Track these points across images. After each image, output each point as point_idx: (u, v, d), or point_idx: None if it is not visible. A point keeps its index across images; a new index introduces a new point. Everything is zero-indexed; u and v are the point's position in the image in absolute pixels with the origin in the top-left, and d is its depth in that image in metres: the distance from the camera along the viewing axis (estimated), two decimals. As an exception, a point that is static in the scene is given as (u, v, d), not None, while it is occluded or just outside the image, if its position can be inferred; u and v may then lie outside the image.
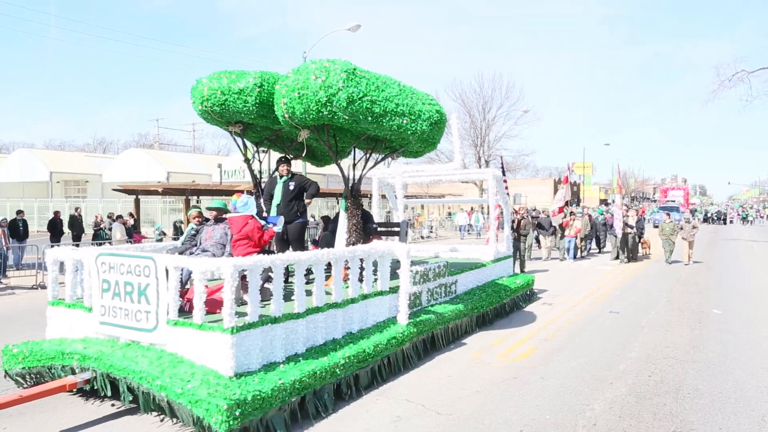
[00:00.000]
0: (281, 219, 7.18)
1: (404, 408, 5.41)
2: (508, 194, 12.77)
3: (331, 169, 11.27)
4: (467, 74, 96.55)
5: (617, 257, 18.36)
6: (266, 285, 6.01)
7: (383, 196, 12.55)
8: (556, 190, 68.89)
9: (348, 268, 6.51)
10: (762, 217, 61.39)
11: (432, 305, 7.84)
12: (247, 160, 8.16)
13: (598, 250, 21.44)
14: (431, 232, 32.09)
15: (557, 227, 19.25)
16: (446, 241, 27.12)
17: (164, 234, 19.69)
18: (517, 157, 44.84)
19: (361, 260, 6.54)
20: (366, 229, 7.99)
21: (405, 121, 6.92)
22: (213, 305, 5.42)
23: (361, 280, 6.58)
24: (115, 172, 38.12)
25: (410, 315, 6.95)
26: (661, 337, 8.19)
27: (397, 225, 9.18)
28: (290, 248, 7.60)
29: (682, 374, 6.44)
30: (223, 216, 6.60)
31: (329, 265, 6.25)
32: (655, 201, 72.57)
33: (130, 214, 19.87)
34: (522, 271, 14.69)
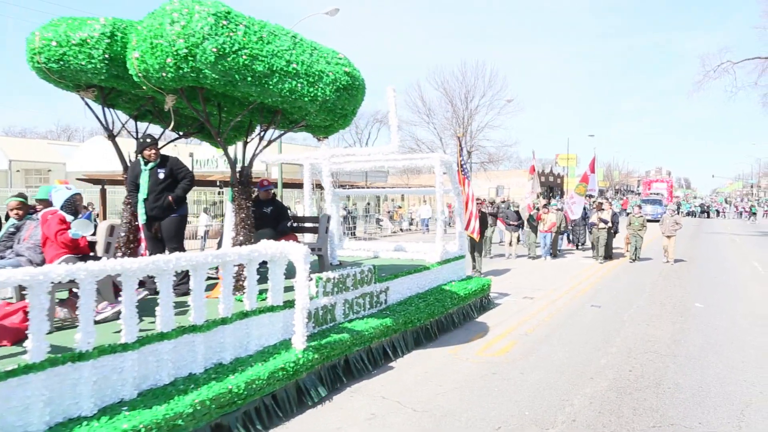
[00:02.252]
0: (84, 222, 5.20)
1: (379, 405, 5.40)
2: (467, 182, 11.43)
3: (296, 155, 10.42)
4: (450, 62, 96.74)
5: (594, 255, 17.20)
6: (110, 308, 4.96)
7: (318, 185, 10.85)
8: (539, 182, 69.73)
9: (239, 277, 5.67)
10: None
11: (350, 320, 6.65)
12: (111, 137, 6.68)
13: (575, 247, 20.27)
14: (411, 224, 32.05)
15: (525, 220, 17.95)
16: (412, 236, 27.18)
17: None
18: (500, 147, 45.11)
19: (241, 266, 5.54)
20: (274, 227, 7.07)
21: (299, 85, 5.51)
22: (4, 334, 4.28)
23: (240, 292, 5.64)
24: (79, 161, 37.35)
25: (316, 335, 5.94)
26: (642, 331, 8.31)
27: (317, 220, 8.09)
28: (166, 250, 6.27)
29: (663, 368, 6.54)
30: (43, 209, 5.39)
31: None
32: (639, 194, 73.65)
33: (86, 207, 19.48)
34: (478, 272, 13.42)
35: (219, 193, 24.76)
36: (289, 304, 5.60)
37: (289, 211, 9.06)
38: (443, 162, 9.40)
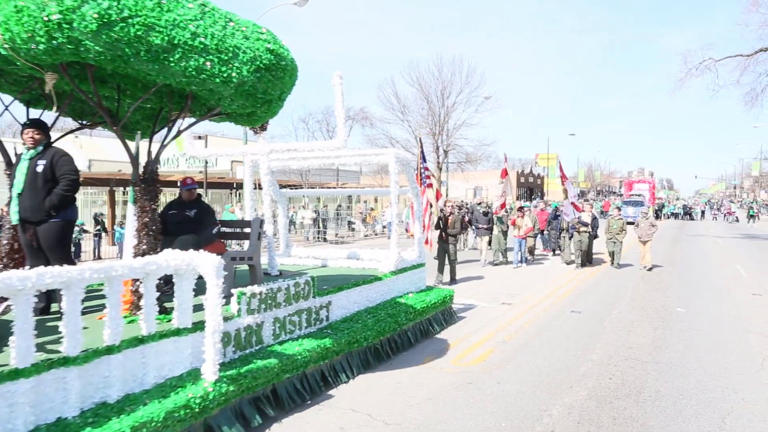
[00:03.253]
0: None
1: (349, 419, 5.38)
2: (429, 184, 10.96)
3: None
4: (425, 56, 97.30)
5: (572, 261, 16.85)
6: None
7: (258, 186, 9.84)
8: (519, 183, 70.49)
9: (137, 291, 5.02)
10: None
11: (282, 342, 6.03)
12: None
13: (551, 252, 19.86)
14: (384, 227, 32.05)
15: (496, 224, 17.21)
16: (386, 242, 27.14)
17: (85, 231, 19.02)
18: (477, 147, 45.41)
19: (137, 281, 4.94)
20: (198, 233, 6.29)
21: (209, 63, 4.70)
22: None
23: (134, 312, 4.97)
24: (27, 160, 36.44)
25: (236, 361, 5.33)
26: (623, 337, 8.45)
27: (248, 225, 7.24)
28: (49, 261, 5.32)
29: (644, 376, 6.65)
30: None
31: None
32: (621, 195, 75.02)
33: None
34: (453, 280, 13.36)
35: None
36: (201, 326, 4.93)
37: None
38: (399, 159, 8.80)
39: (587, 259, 16.63)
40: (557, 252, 19.30)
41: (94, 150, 37.02)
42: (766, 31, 38.53)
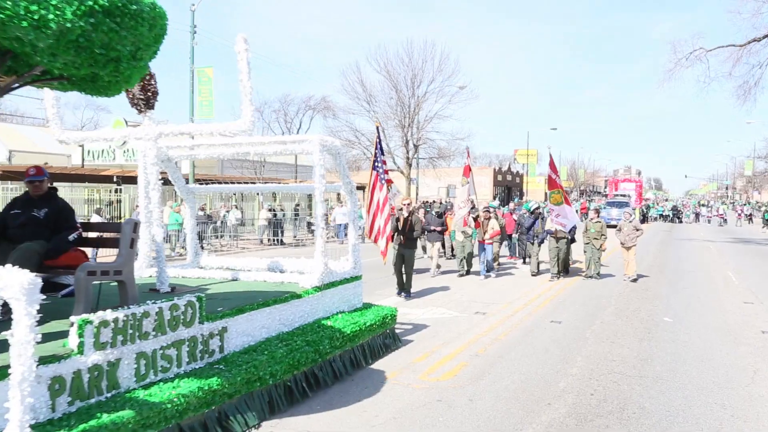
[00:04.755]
0: None
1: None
2: (388, 180, 10.43)
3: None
4: (394, 40, 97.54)
5: (538, 271, 16.39)
6: None
7: (165, 181, 8.04)
8: (495, 181, 71.22)
9: None
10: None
11: (148, 385, 4.98)
12: None
13: (522, 261, 19.44)
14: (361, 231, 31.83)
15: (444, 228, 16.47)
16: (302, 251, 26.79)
17: None
18: (451, 141, 45.80)
19: None
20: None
21: (9, 1, 3.70)
22: None
23: None
24: None
25: (71, 416, 4.25)
26: (606, 349, 8.58)
27: (118, 228, 6.08)
28: None
29: (628, 391, 6.76)
30: None
31: None
32: (606, 195, 76.39)
33: None
34: (407, 293, 12.68)
35: (116, 191, 23.99)
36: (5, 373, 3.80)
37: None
38: (326, 147, 7.77)
39: (564, 267, 16.24)
40: (527, 261, 18.50)
41: (18, 139, 36.10)
42: (760, 20, 39.67)
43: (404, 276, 12.71)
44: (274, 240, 26.04)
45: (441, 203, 18.37)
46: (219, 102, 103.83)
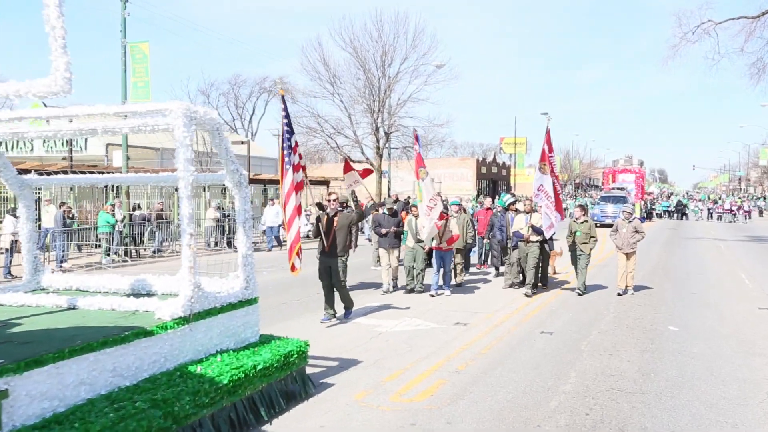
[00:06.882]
0: None
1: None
2: (298, 165, 9.19)
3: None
4: (361, 12, 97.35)
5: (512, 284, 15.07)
6: None
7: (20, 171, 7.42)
8: (479, 174, 71.61)
9: None
10: None
11: None
12: None
13: (495, 270, 17.50)
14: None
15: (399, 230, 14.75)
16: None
17: None
18: (428, 128, 45.79)
19: None
20: None
21: None
22: None
23: None
24: None
25: None
26: (604, 363, 8.67)
27: None
28: None
29: (628, 410, 6.84)
30: None
31: None
32: (602, 188, 77.22)
33: None
34: (348, 312, 11.53)
35: (37, 190, 23.50)
36: None
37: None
38: (194, 119, 6.31)
39: (541, 280, 15.03)
40: (500, 270, 17.00)
41: None
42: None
43: (336, 291, 11.32)
44: (220, 243, 25.74)
45: (397, 199, 17.10)
46: (157, 82, 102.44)
